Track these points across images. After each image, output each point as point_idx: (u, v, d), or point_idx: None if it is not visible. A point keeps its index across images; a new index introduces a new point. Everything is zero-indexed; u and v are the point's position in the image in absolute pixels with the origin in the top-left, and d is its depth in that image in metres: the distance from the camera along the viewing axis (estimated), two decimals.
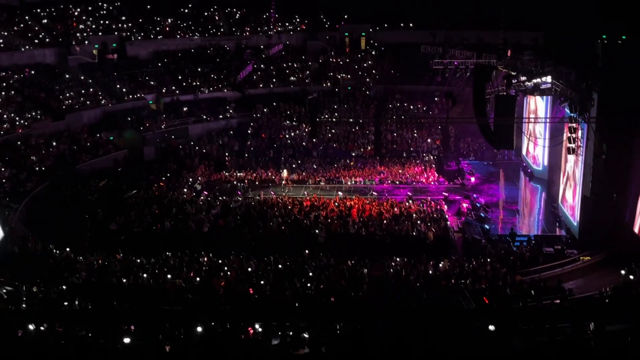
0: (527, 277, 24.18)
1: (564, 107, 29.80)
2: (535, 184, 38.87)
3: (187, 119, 48.30)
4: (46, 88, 45.83)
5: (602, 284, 22.57)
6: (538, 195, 37.86)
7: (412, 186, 38.14)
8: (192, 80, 52.52)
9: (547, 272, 25.25)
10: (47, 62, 49.18)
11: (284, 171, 40.31)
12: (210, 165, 42.44)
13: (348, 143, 45.72)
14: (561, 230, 31.13)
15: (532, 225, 33.76)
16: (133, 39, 55.02)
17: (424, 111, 49.17)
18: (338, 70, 55.29)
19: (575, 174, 29.63)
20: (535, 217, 35.02)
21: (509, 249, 27.54)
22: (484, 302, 21.20)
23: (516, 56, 34.48)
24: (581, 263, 26.27)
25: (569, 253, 27.20)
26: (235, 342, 12.84)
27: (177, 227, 30.23)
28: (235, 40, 58.21)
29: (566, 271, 25.60)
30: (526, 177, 40.18)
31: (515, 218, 33.79)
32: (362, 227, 29.42)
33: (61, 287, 21.21)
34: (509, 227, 30.92)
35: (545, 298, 21.31)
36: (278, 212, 31.24)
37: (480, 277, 23.52)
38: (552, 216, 33.21)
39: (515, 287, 22.72)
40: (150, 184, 37.45)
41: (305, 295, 21.90)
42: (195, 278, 23.44)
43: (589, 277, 25.27)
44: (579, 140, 27.72)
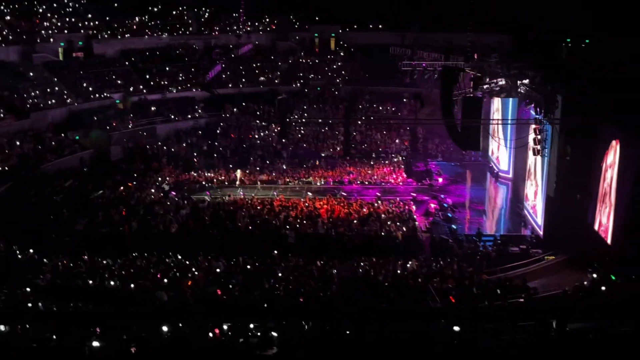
0: (493, 277, 24.52)
1: (530, 109, 30.33)
2: (501, 184, 39.48)
3: (155, 119, 47.82)
4: (10, 86, 44.81)
5: (566, 282, 23.04)
6: (504, 196, 38.46)
7: (381, 187, 38.37)
8: (160, 79, 52.00)
9: (513, 272, 25.65)
10: (11, 60, 48.12)
11: (237, 171, 40.09)
12: (179, 166, 42.07)
13: (317, 143, 45.81)
14: (526, 230, 31.67)
15: (498, 225, 34.27)
16: (100, 37, 54.24)
17: (393, 112, 49.53)
18: (307, 70, 55.35)
19: (540, 174, 30.18)
20: (501, 217, 35.57)
21: (476, 249, 27.91)
22: (451, 301, 21.46)
23: (483, 59, 34.97)
24: (545, 262, 26.74)
25: (534, 252, 27.65)
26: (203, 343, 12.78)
27: (145, 227, 29.92)
28: (204, 39, 57.84)
29: (531, 270, 26.02)
30: (492, 178, 40.78)
31: (482, 218, 34.31)
32: (332, 228, 29.51)
33: (25, 289, 20.81)
34: (476, 227, 31.36)
35: (510, 297, 21.66)
36: (247, 213, 31.16)
37: (448, 277, 23.79)
38: (517, 216, 33.77)
39: (481, 286, 23.04)
40: (117, 185, 36.98)
41: (274, 296, 21.88)
42: (162, 279, 23.22)
43: (553, 276, 25.72)
44: (544, 141, 28.23)
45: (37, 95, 45.08)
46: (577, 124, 26.09)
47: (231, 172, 40.66)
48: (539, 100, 27.99)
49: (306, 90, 52.62)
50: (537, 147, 28.40)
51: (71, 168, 39.65)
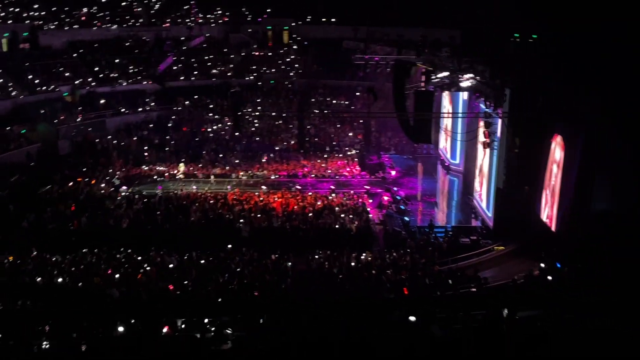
0: (445, 267, 24.98)
1: (479, 102, 30.91)
2: (452, 177, 40.17)
3: (105, 112, 46.78)
4: None
5: (515, 272, 23.63)
6: (455, 188, 39.15)
7: (335, 180, 38.54)
8: (109, 71, 50.85)
9: (464, 262, 26.17)
10: None
11: (180, 165, 39.57)
12: (129, 160, 41.29)
13: (271, 137, 45.65)
14: (477, 221, 32.33)
15: (450, 217, 34.89)
16: (46, 28, 52.67)
17: (347, 106, 49.76)
18: (261, 63, 55.04)
19: (489, 167, 30.83)
20: (452, 209, 36.21)
21: (428, 240, 28.37)
22: (404, 292, 21.76)
23: (434, 53, 35.37)
24: (495, 253, 27.34)
25: (484, 243, 28.26)
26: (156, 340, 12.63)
27: (95, 223, 29.30)
28: (155, 31, 56.83)
29: (481, 260, 26.59)
30: (444, 170, 41.45)
31: (434, 210, 34.85)
32: (286, 221, 29.51)
33: None
34: (428, 219, 31.85)
35: (462, 287, 22.10)
36: (200, 207, 30.86)
37: (401, 268, 24.11)
38: (468, 208, 34.43)
39: (434, 277, 23.44)
40: (66, 179, 36.06)
41: (228, 291, 21.77)
42: (114, 275, 22.82)
43: (502, 266, 26.32)
44: (493, 134, 28.82)
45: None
46: (525, 118, 26.73)
47: (174, 165, 40.09)
48: (488, 94, 28.54)
49: (260, 84, 52.35)
50: (487, 140, 28.94)
51: (17, 163, 38.39)
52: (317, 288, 23.16)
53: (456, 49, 36.62)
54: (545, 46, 35.66)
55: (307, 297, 22.25)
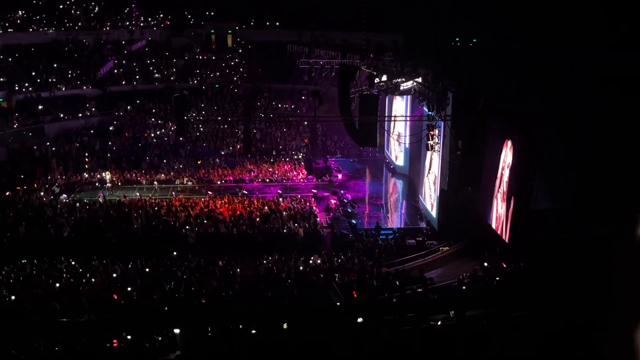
0: (392, 269, 25.25)
1: (423, 106, 31.42)
2: (398, 179, 40.68)
3: (43, 118, 45.28)
4: None
5: (460, 272, 24.14)
6: (400, 190, 39.65)
7: (282, 184, 38.47)
8: (47, 76, 49.27)
9: (410, 263, 26.54)
10: None
11: (106, 173, 38.53)
12: (69, 167, 40.07)
13: (217, 142, 45.18)
14: (422, 222, 32.84)
15: (396, 219, 35.31)
16: None
17: (292, 110, 49.78)
18: (204, 67, 54.44)
19: (433, 169, 31.37)
20: (399, 211, 36.66)
21: (375, 243, 28.62)
22: (353, 295, 21.88)
23: (378, 57, 35.78)
24: (440, 253, 27.85)
25: (430, 244, 28.74)
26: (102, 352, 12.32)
27: (34, 232, 28.32)
28: (95, 35, 55.42)
29: (427, 261, 27.02)
30: (389, 173, 41.93)
31: (380, 212, 35.21)
32: (233, 227, 29.24)
33: None
34: (375, 221, 32.16)
35: (408, 288, 22.39)
36: (143, 214, 30.24)
37: (349, 271, 24.24)
38: (413, 209, 34.93)
39: (381, 278, 23.66)
40: (3, 188, 34.69)
41: (175, 299, 21.41)
42: (55, 286, 22.11)
43: (448, 266, 26.85)
44: (437, 137, 29.34)
45: None
46: (467, 121, 27.34)
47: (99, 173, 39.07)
48: (431, 97, 29.05)
49: (204, 88, 51.76)
50: (431, 143, 29.45)
51: None
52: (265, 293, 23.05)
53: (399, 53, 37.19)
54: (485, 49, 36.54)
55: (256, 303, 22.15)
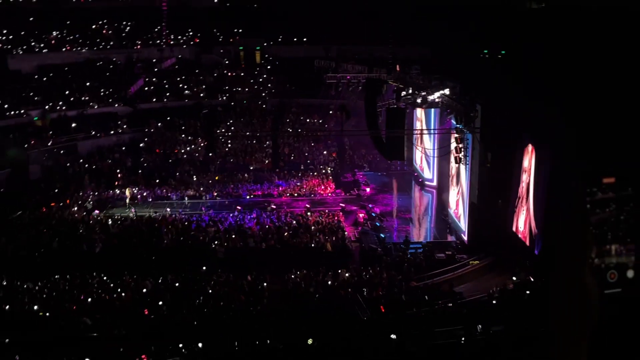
0: (421, 283, 25.07)
1: (451, 118, 31.30)
2: (426, 192, 40.45)
3: (76, 136, 46.25)
4: None
5: (490, 286, 23.83)
6: (429, 204, 39.41)
7: (310, 198, 38.57)
8: (80, 95, 50.37)
9: (440, 277, 26.30)
10: None
11: (126, 190, 39.02)
12: (101, 183, 40.79)
13: (246, 157, 45.55)
14: (451, 236, 32.55)
15: (425, 233, 35.07)
16: (15, 52, 52.13)
17: (320, 124, 49.95)
18: (233, 84, 55.06)
19: (462, 182, 31.14)
20: (427, 225, 36.42)
21: (404, 257, 28.46)
22: (381, 310, 21.76)
23: (405, 70, 35.80)
24: (470, 267, 27.55)
25: (459, 258, 28.46)
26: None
27: (67, 248, 28.84)
28: (126, 53, 56.57)
29: (457, 275, 26.75)
30: (418, 186, 41.72)
31: (409, 226, 35.02)
32: (262, 241, 29.38)
33: None
34: (403, 235, 31.96)
35: (437, 302, 22.18)
36: (173, 229, 30.59)
37: (377, 285, 24.13)
38: (442, 223, 34.64)
39: (410, 293, 23.49)
40: (37, 205, 35.47)
41: (204, 313, 21.57)
42: (86, 301, 22.46)
43: (478, 280, 26.55)
44: (465, 150, 29.16)
45: None
46: (496, 132, 27.12)
47: (121, 190, 39.46)
48: (459, 110, 28.93)
49: (233, 104, 52.33)
50: (459, 156, 29.30)
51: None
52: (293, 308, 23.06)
53: (426, 66, 37.15)
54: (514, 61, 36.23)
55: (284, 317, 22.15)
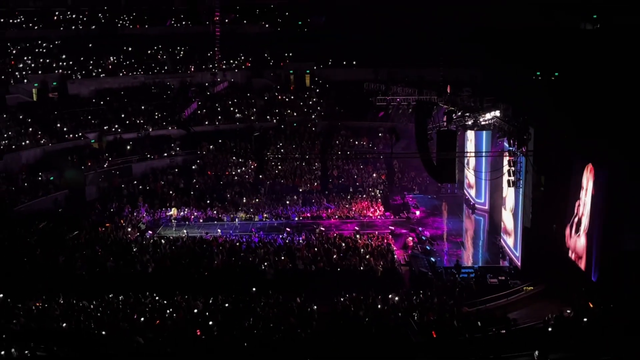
0: (473, 309, 24.56)
1: (503, 141, 30.81)
2: (478, 216, 39.77)
3: (131, 158, 47.54)
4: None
5: (545, 313, 23.14)
6: (481, 227, 38.71)
7: (359, 221, 38.42)
8: (135, 118, 51.86)
9: (493, 303, 25.74)
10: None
11: (172, 209, 39.90)
12: (155, 204, 41.70)
13: (295, 179, 45.84)
14: (504, 261, 31.84)
15: (476, 257, 34.40)
16: (74, 77, 54.17)
17: (369, 146, 49.93)
18: (283, 107, 55.72)
19: (515, 205, 30.50)
20: (479, 249, 35.73)
21: (455, 281, 27.96)
22: (432, 335, 21.38)
23: (456, 92, 35.56)
24: (524, 293, 26.89)
25: (513, 283, 27.81)
26: None
27: (121, 267, 29.49)
28: (180, 78, 58.07)
29: (510, 301, 26.15)
30: (469, 210, 41.07)
31: (460, 250, 34.42)
32: (311, 263, 29.38)
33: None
34: (454, 259, 31.43)
35: (490, 329, 21.66)
36: (224, 250, 30.93)
37: (428, 310, 23.75)
38: (495, 247, 33.95)
39: (462, 318, 23.03)
40: (93, 225, 36.46)
41: (254, 335, 21.62)
42: (139, 320, 22.83)
43: (532, 307, 25.85)
44: (518, 173, 28.63)
45: (11, 136, 44.65)
46: (550, 155, 26.57)
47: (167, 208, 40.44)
48: (512, 132, 28.48)
49: (282, 126, 52.89)
50: (512, 179, 28.77)
51: (45, 209, 39.09)
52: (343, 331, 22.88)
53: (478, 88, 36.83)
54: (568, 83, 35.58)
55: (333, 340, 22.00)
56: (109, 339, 21.15)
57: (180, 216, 39.73)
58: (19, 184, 40.43)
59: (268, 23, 65.57)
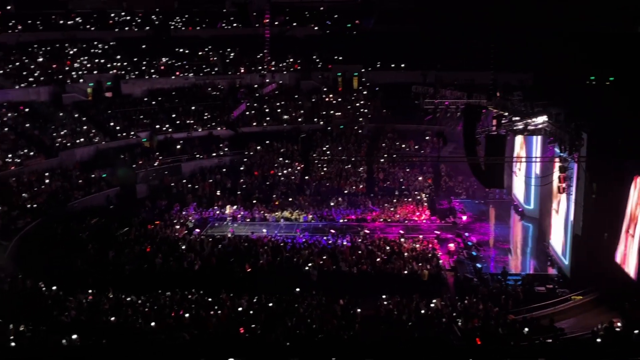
0: (519, 317, 24.10)
1: (554, 146, 30.17)
2: (527, 222, 39.03)
3: (180, 157, 48.44)
4: (40, 126, 46.04)
5: (594, 323, 22.52)
6: (529, 234, 37.97)
7: (404, 224, 38.20)
8: (185, 118, 52.84)
9: (539, 312, 25.18)
10: (42, 100, 49.52)
11: (227, 207, 40.29)
12: (202, 203, 42.39)
13: (340, 181, 45.88)
14: (553, 269, 31.16)
15: (524, 264, 33.76)
16: (128, 77, 55.53)
17: (416, 150, 49.59)
18: (331, 109, 55.83)
19: (565, 212, 29.81)
20: (527, 256, 35.05)
21: (501, 288, 27.51)
22: (476, 342, 21.08)
23: (506, 96, 34.99)
24: (573, 302, 26.22)
25: (561, 292, 27.18)
26: None
27: (169, 264, 30.08)
28: (229, 79, 58.84)
29: (558, 310, 25.52)
30: (517, 216, 40.34)
31: (507, 257, 33.84)
32: (355, 266, 29.37)
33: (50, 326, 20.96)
34: (501, 265, 30.94)
35: (537, 337, 21.22)
36: (269, 250, 31.21)
37: (473, 316, 23.44)
38: (543, 255, 33.26)
39: (507, 326, 22.64)
40: (143, 222, 37.31)
41: (296, 335, 21.73)
42: (185, 316, 23.24)
43: (580, 317, 25.19)
44: (569, 179, 27.97)
45: (66, 134, 46.13)
46: (603, 162, 25.84)
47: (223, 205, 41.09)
48: (563, 137, 27.85)
49: (329, 128, 53.01)
50: (562, 185, 28.12)
51: (97, 205, 40.23)
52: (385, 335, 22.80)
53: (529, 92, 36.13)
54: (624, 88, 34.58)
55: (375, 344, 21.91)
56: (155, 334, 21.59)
57: (236, 214, 40.23)
58: (73, 180, 41.70)
59: (317, 25, 65.80)
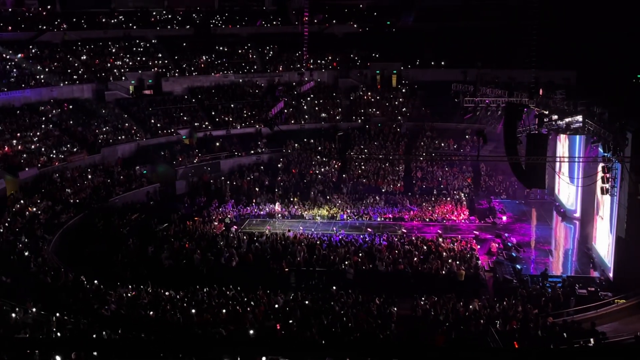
0: (559, 319, 23.62)
1: (597, 146, 29.46)
2: (568, 224, 38.21)
3: (219, 154, 48.95)
4: (83, 122, 47.10)
5: (637, 328, 21.93)
6: (571, 236, 37.17)
7: (442, 224, 37.82)
8: (224, 115, 53.36)
9: (580, 315, 24.64)
10: (85, 98, 50.67)
11: (276, 204, 40.46)
12: (241, 200, 42.75)
13: (378, 179, 45.68)
14: (595, 271, 30.45)
15: (565, 266, 33.07)
16: (168, 75, 56.37)
17: (455, 149, 49.05)
18: (369, 107, 55.66)
19: (609, 214, 29.10)
20: (569, 258, 34.31)
21: (541, 290, 27.00)
22: (514, 345, 20.73)
23: (548, 95, 34.36)
24: (616, 306, 25.56)
25: (603, 295, 26.53)
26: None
27: (207, 260, 30.43)
28: (268, 77, 59.22)
29: (600, 314, 24.91)
30: (559, 217, 39.53)
31: (548, 258, 33.17)
32: (391, 265, 29.22)
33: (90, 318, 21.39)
34: (542, 267, 30.35)
35: (577, 341, 20.77)
36: (305, 247, 31.27)
37: (511, 318, 23.07)
38: (585, 257, 32.52)
39: (546, 329, 22.22)
40: (182, 218, 37.83)
41: (332, 333, 21.72)
42: (222, 312, 23.45)
43: (623, 321, 24.54)
44: (613, 180, 27.29)
45: (108, 130, 47.11)
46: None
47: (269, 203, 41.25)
48: (607, 137, 27.18)
49: (367, 127, 52.84)
50: (606, 186, 27.46)
51: (138, 201, 40.96)
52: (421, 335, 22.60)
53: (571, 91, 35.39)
54: None
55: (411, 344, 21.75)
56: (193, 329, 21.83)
57: (284, 211, 40.49)
58: (115, 176, 42.54)
59: (356, 23, 65.66)
